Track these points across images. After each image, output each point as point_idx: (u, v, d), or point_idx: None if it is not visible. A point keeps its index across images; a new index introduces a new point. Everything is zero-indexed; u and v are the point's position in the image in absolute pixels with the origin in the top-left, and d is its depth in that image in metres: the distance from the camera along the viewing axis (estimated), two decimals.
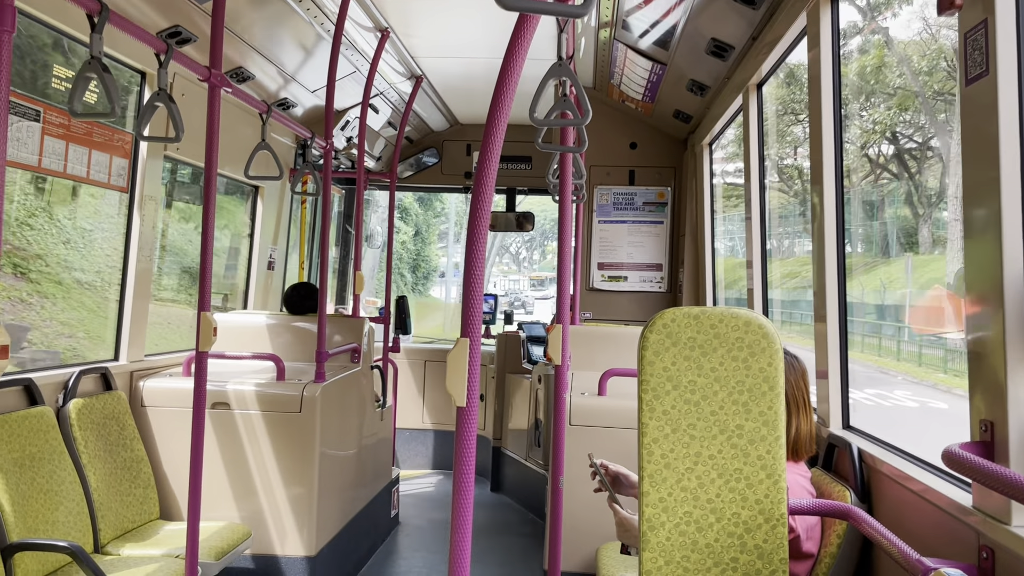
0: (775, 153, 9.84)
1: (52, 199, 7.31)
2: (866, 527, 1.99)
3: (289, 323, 4.94)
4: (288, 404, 3.98)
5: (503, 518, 5.98)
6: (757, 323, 1.98)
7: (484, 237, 1.57)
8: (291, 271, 6.68)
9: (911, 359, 9.62)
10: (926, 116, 10.39)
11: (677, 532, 1.97)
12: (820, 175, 3.09)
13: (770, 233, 4.24)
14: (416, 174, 7.61)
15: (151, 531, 3.72)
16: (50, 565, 3.12)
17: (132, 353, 4.16)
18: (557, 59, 2.45)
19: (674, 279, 6.83)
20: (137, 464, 3.83)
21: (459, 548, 1.50)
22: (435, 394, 7.27)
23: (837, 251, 3.07)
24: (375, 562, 4.93)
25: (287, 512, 3.94)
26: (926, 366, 9.09)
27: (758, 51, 4.01)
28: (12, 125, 3.24)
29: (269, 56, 4.77)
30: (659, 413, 1.99)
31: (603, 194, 6.92)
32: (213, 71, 3.19)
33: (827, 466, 2.78)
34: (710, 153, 6.03)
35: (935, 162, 11.06)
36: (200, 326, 3.17)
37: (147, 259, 4.25)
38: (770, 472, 1.96)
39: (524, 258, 39.84)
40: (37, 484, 3.17)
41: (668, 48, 4.72)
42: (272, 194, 6.02)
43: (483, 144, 1.55)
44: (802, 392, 2.46)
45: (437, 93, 6.49)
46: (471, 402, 1.52)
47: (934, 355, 9.05)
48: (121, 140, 4.01)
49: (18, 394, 3.32)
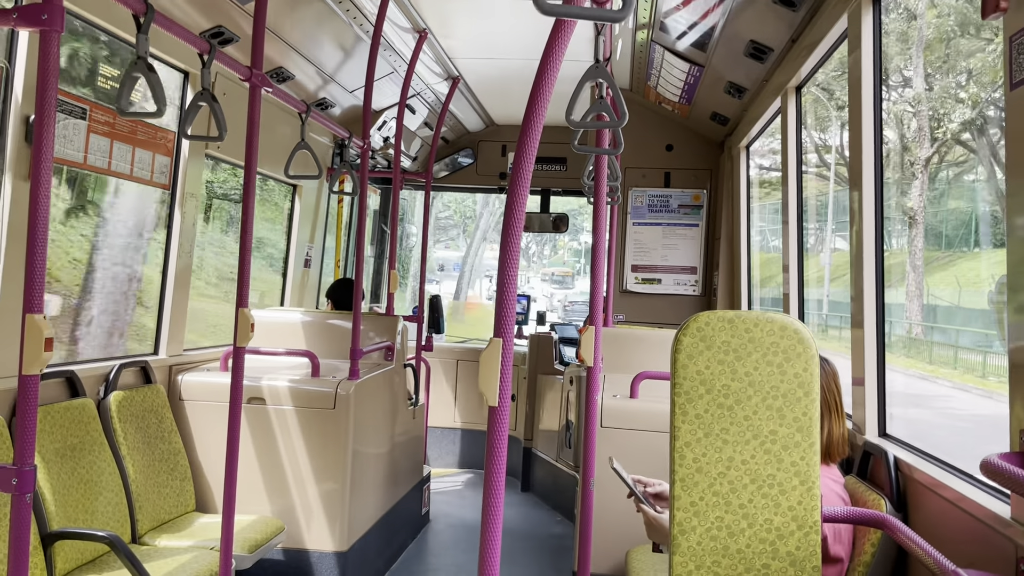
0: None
1: None
2: (901, 536, 1.96)
3: (324, 320, 4.99)
4: (323, 400, 4.02)
5: (533, 518, 5.98)
6: (793, 328, 1.97)
7: (518, 238, 1.57)
8: (327, 269, 6.75)
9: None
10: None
11: (708, 537, 1.96)
12: (859, 178, 3.05)
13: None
14: (452, 174, 7.64)
15: (187, 523, 3.78)
16: (88, 554, 3.19)
17: (171, 348, 4.23)
18: (594, 61, 2.45)
19: (708, 282, 6.78)
20: (174, 457, 3.89)
21: (489, 547, 1.51)
22: (467, 393, 7.29)
23: (876, 256, 3.03)
24: (406, 559, 4.97)
25: (320, 507, 3.98)
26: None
27: (797, 53, 3.96)
28: (59, 123, 3.32)
29: (309, 56, 4.83)
30: (692, 417, 1.98)
31: (638, 196, 6.89)
32: (254, 71, 3.23)
33: (862, 474, 2.74)
34: (747, 156, 5.98)
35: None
36: (238, 322, 3.22)
37: (187, 255, 4.32)
38: (804, 479, 1.94)
39: (533, 252, 39.67)
40: (78, 474, 3.25)
41: (706, 50, 4.69)
42: (310, 193, 6.09)
43: (519, 145, 1.56)
44: (834, 394, 2.43)
45: (473, 94, 6.52)
46: (503, 402, 1.53)
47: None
48: (164, 138, 4.08)
49: (60, 386, 3.40)
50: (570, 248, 39.68)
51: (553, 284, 36.13)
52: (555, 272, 38.46)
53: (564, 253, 40.95)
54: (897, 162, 15.06)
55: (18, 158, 2.98)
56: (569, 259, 40.01)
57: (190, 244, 4.35)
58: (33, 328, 2.13)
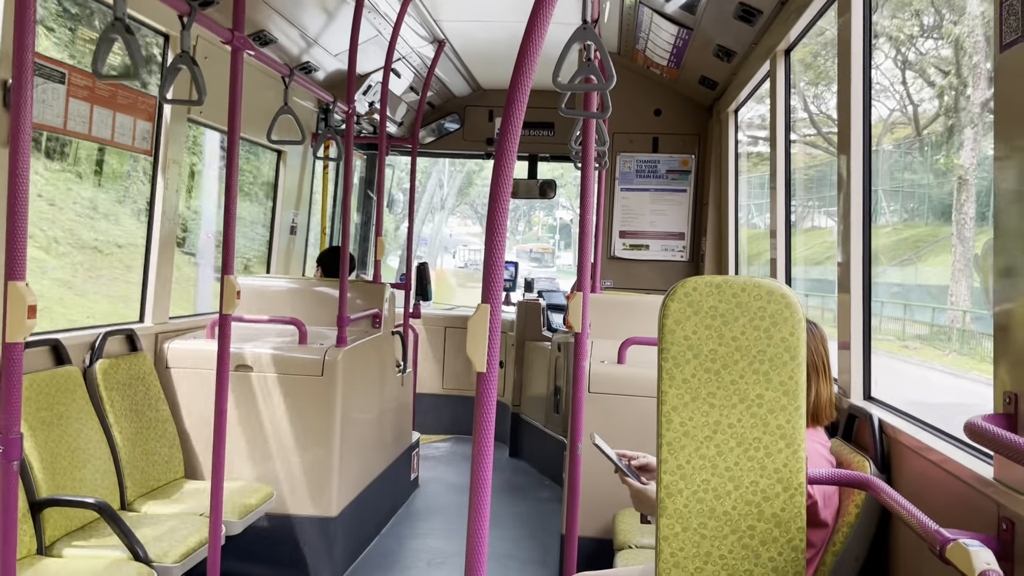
0: None
1: None
2: (885, 497, 1.99)
3: (311, 288, 4.98)
4: (310, 367, 4.02)
5: (521, 483, 6.03)
6: (780, 292, 1.97)
7: (506, 204, 1.56)
8: (313, 236, 6.71)
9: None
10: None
11: (695, 499, 1.98)
12: (848, 143, 3.04)
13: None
14: (438, 140, 7.58)
15: (176, 489, 3.79)
16: (77, 521, 3.20)
17: (157, 315, 4.21)
18: (582, 23, 2.41)
19: (696, 248, 6.79)
20: (162, 424, 3.89)
21: (478, 511, 1.52)
22: (455, 360, 7.31)
23: (863, 222, 3.03)
24: (395, 523, 5.01)
25: (309, 473, 4.00)
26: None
27: (787, 16, 3.93)
28: (37, 87, 3.26)
29: (291, 19, 4.75)
30: (679, 381, 1.98)
31: (626, 161, 6.86)
32: (236, 34, 3.18)
33: (847, 436, 2.77)
34: (735, 120, 5.95)
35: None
36: (224, 289, 3.20)
37: (171, 222, 4.28)
38: (789, 441, 1.96)
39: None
40: (65, 442, 3.24)
41: (695, 12, 4.64)
42: (294, 159, 6.03)
43: (506, 110, 1.54)
44: (822, 357, 2.45)
45: (460, 58, 6.44)
46: (491, 368, 1.53)
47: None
48: (145, 103, 4.02)
49: (45, 354, 3.38)
50: (545, 224, 37.82)
51: (531, 262, 33.04)
52: (532, 249, 35.66)
53: (539, 229, 38.85)
54: (948, 106, 12.81)
55: None
56: (543, 235, 38.17)
57: (174, 211, 4.31)
58: (16, 296, 2.11)
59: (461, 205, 34.01)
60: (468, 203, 34.62)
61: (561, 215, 35.70)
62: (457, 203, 32.26)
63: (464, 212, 35.64)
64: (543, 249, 35.62)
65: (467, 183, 31.05)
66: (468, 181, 30.94)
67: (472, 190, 32.61)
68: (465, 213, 35.82)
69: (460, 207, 34.19)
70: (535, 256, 34.36)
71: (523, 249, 34.88)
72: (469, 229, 36.68)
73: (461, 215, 35.96)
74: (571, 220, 34.76)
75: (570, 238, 36.25)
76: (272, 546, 3.99)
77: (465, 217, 36.28)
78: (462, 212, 35.64)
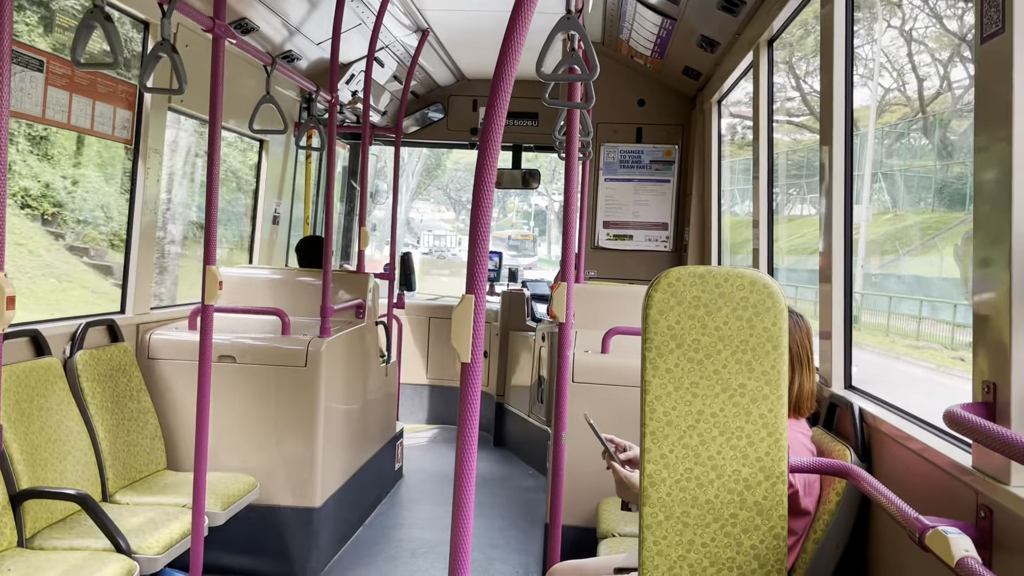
0: None
1: None
2: (865, 485, 2.01)
3: (294, 278, 4.95)
4: (293, 358, 4.00)
5: (505, 472, 6.05)
6: (762, 282, 1.98)
7: (490, 194, 1.56)
8: (296, 226, 6.67)
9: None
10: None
11: (678, 488, 1.99)
12: (830, 133, 3.06)
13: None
14: (422, 129, 7.55)
15: (158, 481, 3.77)
16: (58, 513, 3.17)
17: (138, 306, 4.18)
18: (566, 12, 2.41)
19: (679, 238, 6.81)
20: (144, 415, 3.87)
21: (462, 500, 1.52)
22: (439, 350, 7.31)
23: (845, 212, 3.05)
24: (379, 513, 5.01)
25: (292, 464, 3.99)
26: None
27: (770, 6, 3.94)
28: (15, 75, 3.21)
29: (273, 7, 4.70)
30: (662, 371, 1.99)
31: (610, 152, 6.87)
32: (217, 21, 3.15)
33: (828, 425, 2.80)
34: (719, 111, 5.96)
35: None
36: (206, 280, 3.18)
37: (151, 212, 4.24)
38: (771, 430, 1.98)
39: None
40: (45, 434, 3.21)
41: (679, 3, 4.64)
42: (277, 148, 5.98)
43: (490, 100, 1.53)
44: (806, 349, 2.47)
45: (443, 47, 6.41)
46: (475, 358, 1.53)
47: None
48: (125, 92, 3.98)
49: (25, 345, 3.34)
50: (520, 210, 35.03)
51: (508, 251, 29.72)
52: (511, 236, 31.52)
53: (513, 216, 35.38)
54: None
55: None
56: (517, 222, 35.11)
57: (155, 201, 4.27)
58: None
59: (432, 189, 32.92)
60: (440, 187, 33.66)
61: (536, 201, 33.51)
62: (424, 185, 31.28)
63: (438, 198, 34.52)
64: (523, 236, 31.90)
65: (435, 164, 29.84)
66: (436, 162, 29.33)
67: (441, 173, 31.20)
68: (439, 199, 34.67)
69: (431, 191, 33.14)
70: (514, 244, 30.70)
71: (500, 236, 30.72)
72: (442, 215, 34.95)
73: (435, 201, 34.83)
74: (546, 207, 33.00)
75: (544, 224, 33.40)
76: (255, 537, 3.99)
77: (439, 203, 35.06)
78: (436, 198, 34.56)
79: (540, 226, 34.22)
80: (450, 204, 33.94)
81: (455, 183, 33.09)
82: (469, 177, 31.75)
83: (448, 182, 32.81)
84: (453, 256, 29.71)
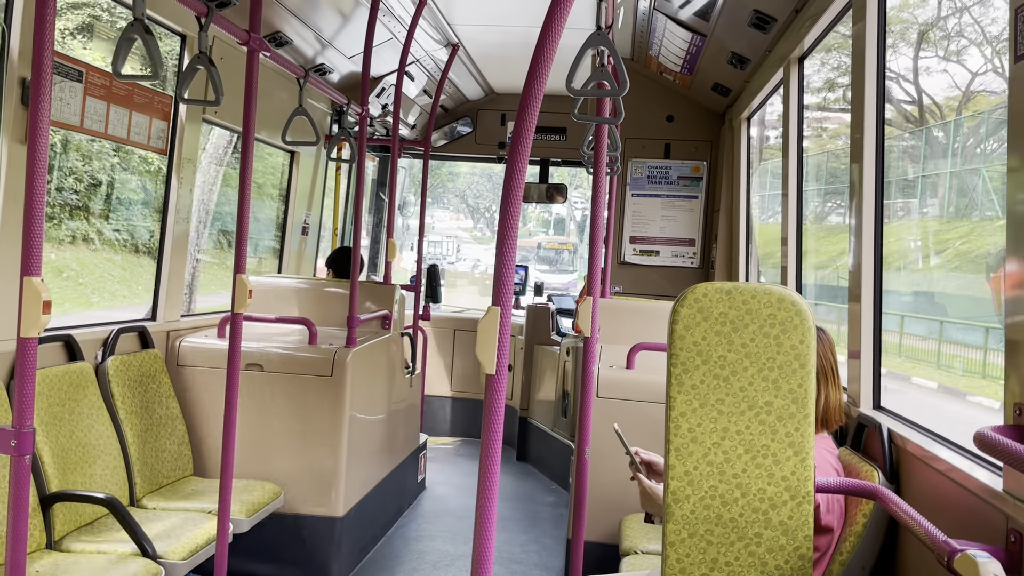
0: None
1: None
2: (893, 507, 1.99)
3: (322, 288, 4.99)
4: (320, 367, 4.03)
5: (528, 486, 6.03)
6: (790, 300, 1.97)
7: (517, 208, 1.57)
8: (324, 237, 6.73)
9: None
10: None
11: (702, 506, 1.98)
12: (860, 152, 3.04)
13: None
14: (450, 143, 7.60)
15: (185, 487, 3.81)
16: (87, 516, 3.22)
17: (168, 313, 4.24)
18: (596, 28, 2.42)
19: (707, 255, 6.78)
20: (172, 421, 3.91)
21: (485, 514, 1.52)
22: (463, 363, 7.32)
23: (875, 230, 3.03)
24: (401, 525, 5.01)
25: (316, 473, 4.01)
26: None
27: (801, 24, 3.93)
28: (56, 85, 3.29)
29: (307, 21, 4.77)
30: (688, 387, 1.99)
31: (637, 167, 6.86)
32: (252, 35, 3.20)
33: (856, 446, 2.76)
34: (748, 127, 5.94)
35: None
36: (235, 288, 3.22)
37: (184, 221, 4.31)
38: (798, 449, 1.96)
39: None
40: (76, 438, 3.26)
41: (709, 19, 4.64)
42: (307, 160, 6.05)
43: (519, 114, 1.54)
44: (830, 363, 2.45)
45: (473, 62, 6.46)
46: (500, 370, 1.53)
47: None
48: (161, 102, 4.05)
49: (59, 349, 3.40)
50: (539, 218, 31.61)
51: (540, 263, 23.65)
52: (542, 244, 25.54)
53: (532, 224, 30.84)
54: None
55: (15, 121, 2.96)
56: (535, 230, 31.11)
57: (187, 210, 4.34)
58: (31, 291, 2.13)
59: (448, 196, 31.92)
60: (457, 194, 31.96)
61: (558, 209, 28.71)
62: (439, 193, 30.41)
63: (456, 206, 33.49)
64: (560, 245, 24.89)
65: (447, 171, 27.72)
66: (450, 168, 26.78)
67: (451, 179, 29.82)
68: (457, 207, 33.61)
69: (449, 199, 32.16)
70: (544, 255, 24.47)
71: (526, 246, 24.85)
72: (460, 223, 32.38)
73: (454, 209, 33.81)
74: (567, 216, 30.47)
75: (564, 231, 29.90)
76: (279, 545, 4.01)
77: (457, 211, 33.92)
78: (455, 206, 33.59)
79: (560, 234, 30.05)
80: (468, 212, 32.95)
81: (472, 189, 31.85)
82: (486, 183, 30.91)
83: (465, 188, 31.96)
84: (449, 265, 24.23)
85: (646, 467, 2.56)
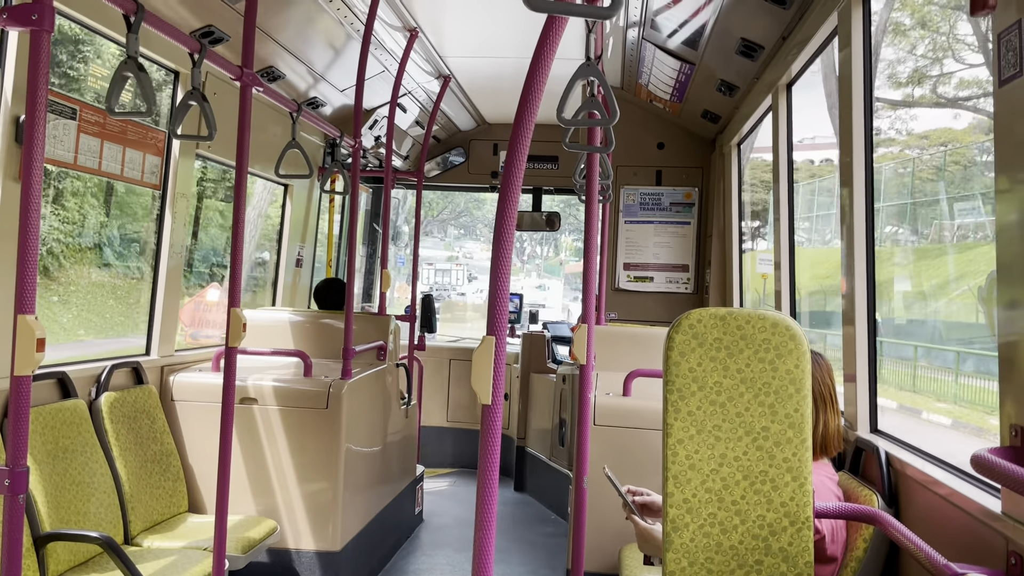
0: None
1: None
2: (893, 531, 1.98)
3: (316, 320, 4.98)
4: (315, 400, 4.01)
5: (526, 517, 5.98)
6: (784, 324, 1.97)
7: (511, 237, 1.58)
8: (319, 269, 6.73)
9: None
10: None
11: (701, 534, 1.96)
12: (850, 176, 3.06)
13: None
14: (443, 173, 7.64)
15: (180, 523, 3.77)
16: (81, 555, 3.18)
17: (163, 348, 4.22)
18: (585, 59, 2.45)
19: (700, 280, 6.80)
20: (167, 457, 3.88)
21: (483, 546, 1.51)
22: (459, 392, 7.29)
23: (867, 254, 3.04)
24: (399, 558, 4.96)
25: (313, 507, 3.98)
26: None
27: (788, 51, 3.98)
28: (49, 123, 3.30)
29: (299, 55, 4.82)
30: (684, 414, 1.98)
31: (629, 194, 6.90)
32: (245, 70, 3.23)
33: (854, 470, 2.75)
34: (738, 154, 5.99)
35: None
36: (230, 322, 3.21)
37: (178, 256, 4.31)
38: (796, 475, 1.95)
39: (527, 253, 31.51)
40: (69, 476, 3.23)
41: (697, 48, 4.70)
42: (301, 192, 6.07)
43: (511, 144, 1.56)
44: (828, 388, 2.45)
45: (465, 93, 6.51)
46: (496, 400, 1.53)
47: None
48: (154, 138, 4.07)
49: (52, 387, 3.38)
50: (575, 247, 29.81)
51: (573, 289, 23.09)
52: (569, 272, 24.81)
53: (565, 254, 30.44)
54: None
55: (8, 158, 2.97)
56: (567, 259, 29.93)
57: (181, 245, 4.34)
58: (25, 329, 2.12)
59: (479, 227, 32.13)
60: (486, 224, 30.53)
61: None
62: (465, 222, 30.52)
63: (483, 235, 33.31)
64: (574, 269, 23.78)
65: (467, 200, 28.61)
66: (473, 197, 27.56)
67: (482, 207, 29.93)
68: (483, 235, 33.26)
69: (480, 229, 32.38)
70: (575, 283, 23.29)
71: (572, 272, 24.46)
72: (487, 253, 32.80)
73: (486, 240, 33.62)
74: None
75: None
76: None
77: (481, 239, 33.41)
78: (485, 236, 33.57)
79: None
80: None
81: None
82: None
83: (491, 215, 31.69)
84: (460, 296, 24.06)
85: (643, 508, 2.51)
